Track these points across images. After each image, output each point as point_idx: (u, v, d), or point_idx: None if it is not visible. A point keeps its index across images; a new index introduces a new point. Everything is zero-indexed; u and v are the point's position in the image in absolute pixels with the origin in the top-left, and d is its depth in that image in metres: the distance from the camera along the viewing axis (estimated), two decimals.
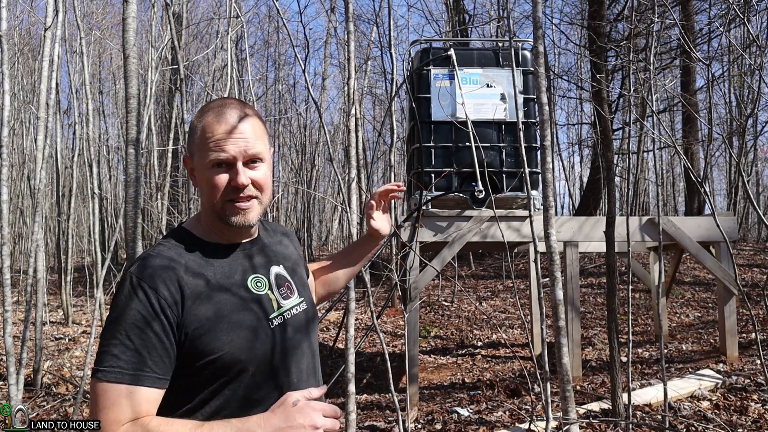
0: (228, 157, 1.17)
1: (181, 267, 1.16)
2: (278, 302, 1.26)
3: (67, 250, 10.20)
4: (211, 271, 1.19)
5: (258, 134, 1.22)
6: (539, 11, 3.22)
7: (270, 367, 1.20)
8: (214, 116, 1.19)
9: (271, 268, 1.30)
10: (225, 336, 1.13)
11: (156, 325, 1.08)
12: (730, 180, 15.10)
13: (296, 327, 1.28)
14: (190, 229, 1.27)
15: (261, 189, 1.22)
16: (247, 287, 1.22)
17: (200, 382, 1.14)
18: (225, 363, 1.13)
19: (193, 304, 1.12)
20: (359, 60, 12.78)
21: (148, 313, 1.08)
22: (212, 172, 1.18)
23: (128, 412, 1.04)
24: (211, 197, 1.19)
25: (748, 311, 6.85)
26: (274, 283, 1.28)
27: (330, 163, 15.87)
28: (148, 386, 1.06)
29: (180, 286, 1.12)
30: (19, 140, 14.18)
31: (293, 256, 1.43)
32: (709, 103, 7.45)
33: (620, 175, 13.47)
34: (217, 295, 1.16)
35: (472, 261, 13.85)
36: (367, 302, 3.85)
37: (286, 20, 3.81)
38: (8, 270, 3.90)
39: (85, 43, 8.28)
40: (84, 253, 15.63)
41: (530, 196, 3.75)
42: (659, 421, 4.07)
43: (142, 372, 1.06)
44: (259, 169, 1.22)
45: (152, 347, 1.07)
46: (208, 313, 1.13)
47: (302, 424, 1.05)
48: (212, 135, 1.17)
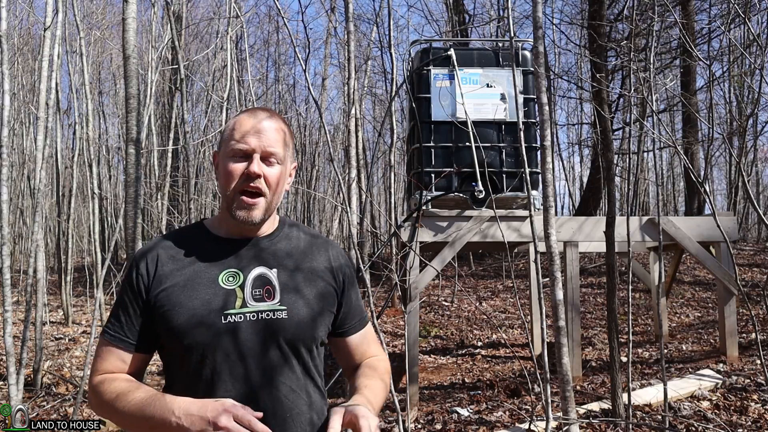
0: (248, 148, 1.25)
1: (168, 249, 1.30)
2: (244, 301, 1.24)
3: (67, 250, 10.20)
4: (193, 259, 1.28)
5: (281, 139, 1.29)
6: (539, 11, 3.23)
7: (223, 362, 1.20)
8: (246, 115, 1.30)
9: (255, 268, 1.28)
10: (176, 318, 1.22)
11: (131, 294, 1.26)
12: (730, 180, 15.10)
13: (260, 330, 1.23)
14: (207, 221, 1.38)
15: (270, 186, 1.27)
16: (216, 280, 1.25)
17: (168, 358, 1.28)
18: (175, 344, 1.23)
19: (161, 284, 1.25)
20: (359, 60, 12.79)
21: (129, 285, 1.27)
22: (231, 161, 1.27)
23: (107, 366, 1.26)
24: (227, 185, 1.27)
25: (748, 311, 6.85)
26: (249, 283, 1.26)
27: (330, 163, 15.88)
28: (121, 348, 1.25)
29: (156, 265, 1.27)
30: (19, 140, 14.19)
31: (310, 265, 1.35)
32: (709, 103, 7.46)
33: (620, 175, 13.47)
34: (183, 280, 1.25)
35: (472, 261, 13.85)
36: (367, 302, 3.85)
37: (286, 20, 3.80)
38: (8, 270, 3.90)
39: (84, 43, 8.28)
40: (84, 253, 15.63)
41: (530, 196, 3.75)
42: (659, 421, 4.07)
43: (117, 334, 1.26)
44: (274, 167, 1.28)
45: (127, 314, 1.26)
46: (171, 296, 1.23)
47: (209, 419, 1.05)
48: (239, 128, 1.27)
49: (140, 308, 1.25)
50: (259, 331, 1.23)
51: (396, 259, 5.51)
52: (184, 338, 1.20)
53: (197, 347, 1.20)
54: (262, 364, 1.23)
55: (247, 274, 1.27)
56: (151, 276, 1.26)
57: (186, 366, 1.22)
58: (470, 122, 4.94)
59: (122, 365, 1.26)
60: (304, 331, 1.26)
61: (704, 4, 12.05)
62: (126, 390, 1.19)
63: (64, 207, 11.44)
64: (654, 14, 4.46)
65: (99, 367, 1.27)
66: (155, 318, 1.24)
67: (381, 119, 15.89)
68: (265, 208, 1.28)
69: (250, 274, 1.27)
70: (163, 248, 1.30)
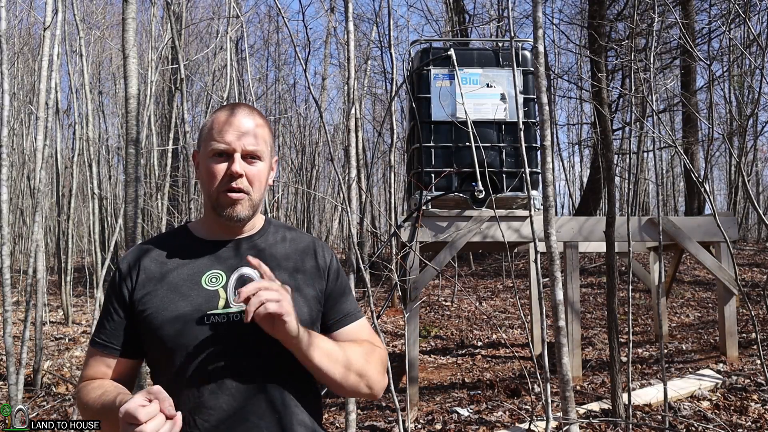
0: (228, 147, 1.24)
1: (151, 253, 1.29)
2: (227, 301, 1.22)
3: (67, 250, 10.21)
4: (176, 262, 1.28)
5: (261, 136, 1.28)
6: (539, 11, 3.22)
7: (206, 364, 1.18)
8: (224, 113, 1.28)
9: (238, 269, 1.27)
10: (160, 322, 1.21)
11: (115, 301, 1.27)
12: (730, 180, 15.10)
13: (243, 331, 1.19)
14: (191, 224, 1.38)
15: (253, 184, 1.26)
16: (199, 282, 1.24)
17: (153, 362, 1.28)
18: (159, 347, 1.22)
19: (144, 287, 1.25)
20: (359, 60, 12.78)
21: (113, 290, 1.28)
22: (212, 161, 1.26)
23: (93, 372, 1.27)
24: (209, 186, 1.26)
25: (748, 311, 6.84)
26: (232, 284, 1.24)
27: (330, 162, 15.88)
28: (106, 354, 1.26)
29: (139, 269, 1.27)
30: (19, 140, 14.19)
31: (299, 266, 1.33)
32: (709, 103, 7.45)
33: (620, 175, 13.47)
34: (167, 283, 1.25)
35: (472, 261, 13.85)
36: (367, 302, 3.85)
37: (286, 20, 3.80)
38: (8, 270, 3.90)
39: (84, 43, 8.27)
40: (84, 253, 15.63)
41: (530, 196, 3.75)
42: (659, 421, 4.07)
43: (102, 341, 1.26)
44: (255, 165, 1.27)
45: (112, 320, 1.26)
46: (154, 299, 1.23)
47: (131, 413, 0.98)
48: (218, 127, 1.26)
49: (124, 313, 1.26)
50: (243, 330, 1.18)
51: (396, 259, 5.51)
52: (168, 341, 1.20)
53: (180, 349, 1.19)
54: (247, 364, 1.20)
55: (230, 275, 1.26)
56: (134, 281, 1.26)
57: (170, 369, 1.20)
58: (470, 122, 4.94)
59: (108, 371, 1.27)
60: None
61: (704, 4, 12.06)
62: (101, 391, 1.20)
63: (64, 207, 11.44)
64: (654, 14, 4.46)
65: (85, 373, 1.29)
66: (139, 322, 1.24)
67: (381, 119, 15.89)
68: (249, 205, 1.27)
69: (233, 274, 1.26)
70: (146, 253, 1.30)
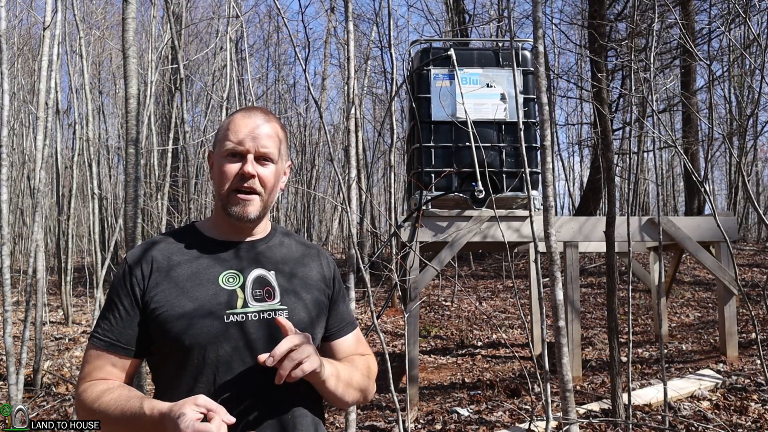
0: (242, 148, 1.26)
1: (163, 252, 1.28)
2: (245, 301, 1.25)
3: (67, 250, 10.20)
4: (191, 260, 1.27)
5: (275, 139, 1.30)
6: (539, 11, 3.23)
7: (226, 360, 1.20)
8: (241, 115, 1.30)
9: (254, 269, 1.29)
10: (176, 319, 1.20)
11: (124, 297, 1.24)
12: (730, 180, 15.10)
13: (262, 329, 1.23)
14: (198, 223, 1.37)
15: (265, 186, 1.28)
16: (216, 281, 1.25)
17: (161, 362, 1.25)
18: (173, 345, 1.20)
19: (158, 286, 1.23)
20: (359, 60, 12.77)
21: (122, 288, 1.25)
22: (225, 161, 1.27)
23: (95, 372, 1.22)
24: (221, 185, 1.28)
25: (748, 311, 6.84)
26: (249, 283, 1.27)
27: (330, 163, 15.87)
28: (112, 353, 1.22)
29: (152, 268, 1.25)
30: (19, 140, 14.20)
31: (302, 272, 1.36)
32: (709, 103, 7.45)
33: (620, 175, 13.47)
34: (182, 281, 1.24)
35: (472, 261, 13.84)
36: (367, 302, 3.85)
37: (285, 20, 3.80)
38: (8, 270, 3.90)
39: (84, 43, 8.27)
40: (84, 253, 15.62)
41: (530, 196, 3.75)
42: (659, 421, 4.07)
43: (109, 339, 1.22)
44: (267, 167, 1.29)
45: (119, 318, 1.23)
46: (169, 296, 1.22)
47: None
48: (234, 129, 1.28)
49: (134, 311, 1.23)
50: (261, 330, 1.23)
51: (396, 259, 5.51)
52: (185, 338, 1.19)
53: (198, 347, 1.19)
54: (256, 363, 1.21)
55: (247, 275, 1.28)
56: (147, 278, 1.24)
57: (183, 367, 1.20)
58: (470, 122, 4.94)
59: (112, 370, 1.23)
60: (303, 331, 1.25)
61: (704, 4, 12.06)
62: (116, 394, 1.16)
63: (64, 207, 11.43)
64: (654, 14, 4.46)
65: (87, 373, 1.23)
66: (150, 321, 1.22)
67: (381, 119, 15.88)
68: (260, 206, 1.29)
69: (249, 275, 1.28)
70: (158, 250, 1.28)
